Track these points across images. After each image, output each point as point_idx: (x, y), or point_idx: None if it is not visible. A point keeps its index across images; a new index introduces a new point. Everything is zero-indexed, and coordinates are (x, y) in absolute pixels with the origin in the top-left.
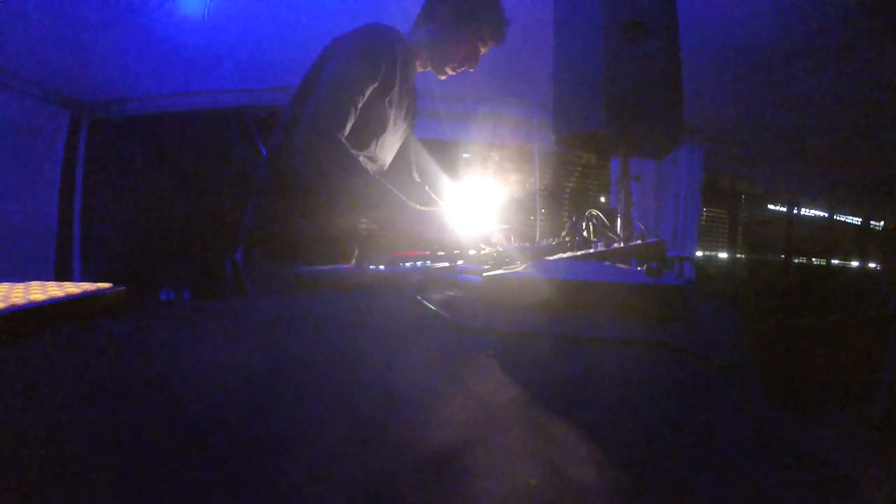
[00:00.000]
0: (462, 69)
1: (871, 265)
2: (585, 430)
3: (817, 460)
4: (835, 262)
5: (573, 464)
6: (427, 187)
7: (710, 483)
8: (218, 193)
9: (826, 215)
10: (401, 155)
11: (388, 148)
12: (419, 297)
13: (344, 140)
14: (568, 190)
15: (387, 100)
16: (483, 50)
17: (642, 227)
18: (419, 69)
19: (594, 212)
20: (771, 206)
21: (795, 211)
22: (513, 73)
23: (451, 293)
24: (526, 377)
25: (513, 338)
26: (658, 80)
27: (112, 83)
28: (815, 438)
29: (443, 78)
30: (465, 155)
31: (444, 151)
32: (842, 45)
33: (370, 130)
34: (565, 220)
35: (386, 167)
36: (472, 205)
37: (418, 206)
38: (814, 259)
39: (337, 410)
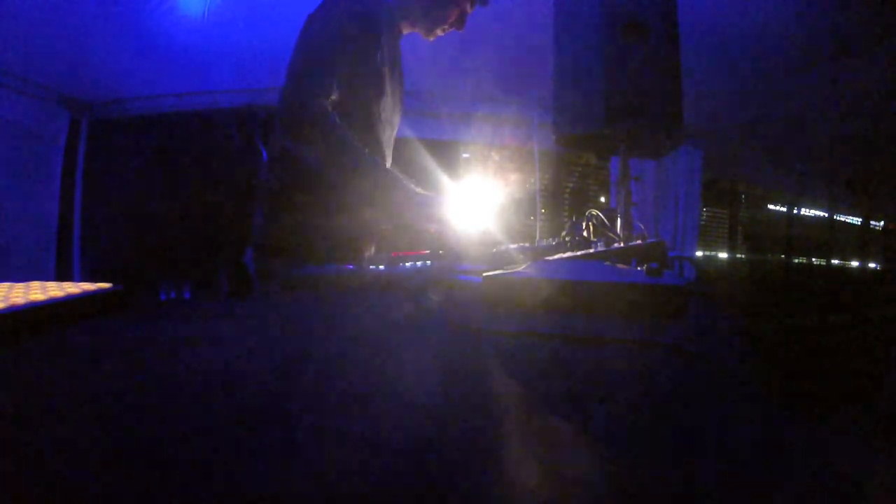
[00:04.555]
0: (450, 30)
1: (871, 265)
2: (586, 430)
3: (817, 460)
4: (835, 262)
5: (573, 464)
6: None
7: (711, 483)
8: (218, 193)
9: (826, 215)
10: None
11: (389, 113)
12: (419, 297)
13: (327, 105)
14: (568, 190)
15: (378, 57)
16: (469, 10)
17: (642, 227)
18: (404, 31)
19: (594, 212)
20: (771, 206)
21: (795, 211)
22: (513, 73)
23: (450, 293)
24: (526, 377)
25: (513, 338)
26: (658, 80)
27: (112, 83)
28: (815, 438)
29: (431, 39)
30: (465, 155)
31: (444, 151)
32: (842, 44)
33: (369, 93)
34: (565, 220)
35: (391, 141)
36: (471, 204)
37: (419, 190)
38: (814, 259)
39: (336, 410)
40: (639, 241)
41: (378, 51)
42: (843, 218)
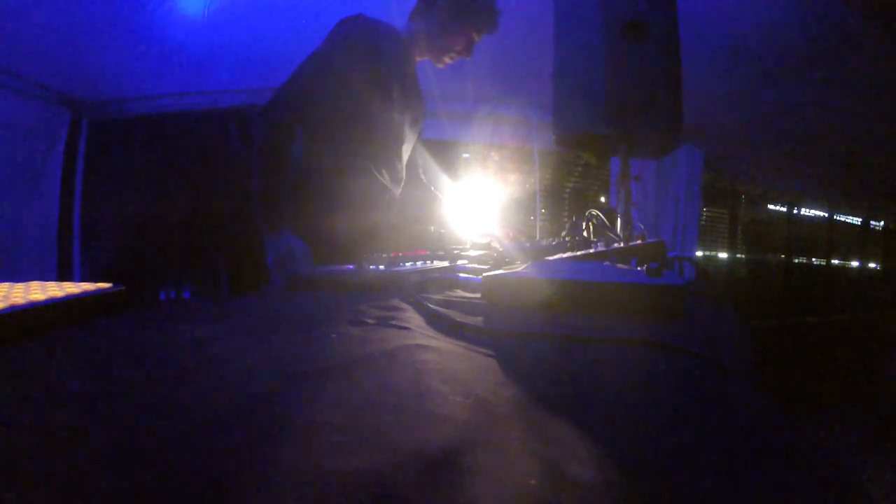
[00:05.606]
0: (459, 57)
1: (871, 265)
2: (585, 430)
3: (817, 460)
4: (835, 262)
5: (573, 464)
6: (432, 188)
7: (711, 483)
8: (218, 193)
9: (826, 215)
10: (409, 158)
11: (399, 128)
12: (419, 297)
13: (294, 131)
14: (568, 190)
15: (380, 77)
16: (477, 39)
17: (642, 227)
18: (417, 58)
19: (594, 212)
20: (771, 206)
21: (795, 211)
22: (513, 73)
23: (450, 293)
24: (526, 377)
25: (513, 338)
26: (658, 80)
27: (112, 83)
28: (815, 438)
29: (440, 66)
30: (465, 155)
31: (444, 151)
32: (842, 44)
33: (372, 107)
34: (565, 220)
35: (402, 154)
36: (471, 204)
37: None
38: (814, 259)
39: (336, 410)
40: (639, 241)
41: (380, 71)
42: (843, 218)
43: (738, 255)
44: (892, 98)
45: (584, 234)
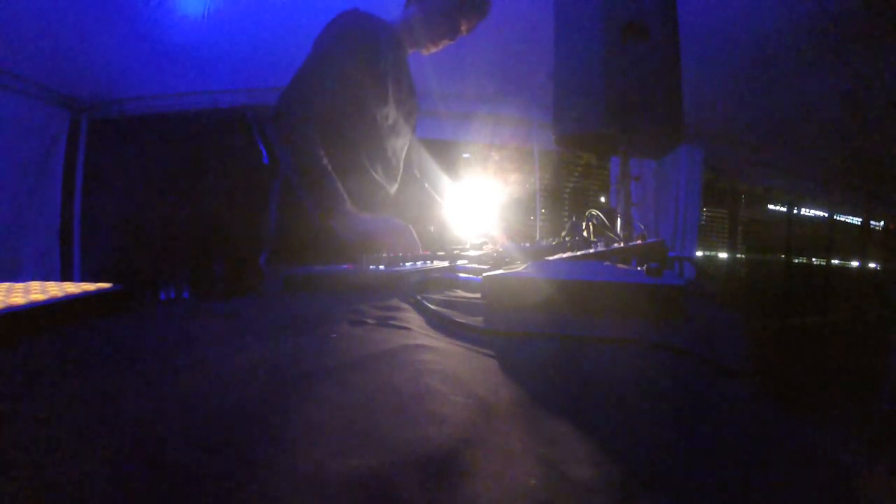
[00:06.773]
0: (444, 45)
1: (871, 265)
2: (585, 430)
3: (817, 460)
4: (835, 262)
5: (573, 464)
6: (426, 184)
7: (710, 483)
8: (217, 193)
9: (826, 215)
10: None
11: (395, 123)
12: (419, 297)
13: (309, 123)
14: (568, 190)
15: (378, 72)
16: (471, 24)
17: (642, 227)
18: (410, 50)
19: (594, 212)
20: (771, 206)
21: (795, 211)
22: (513, 73)
23: (450, 293)
24: (526, 377)
25: (513, 338)
26: (658, 80)
27: (112, 83)
28: (815, 438)
29: (425, 53)
30: (465, 155)
31: (444, 151)
32: (842, 44)
33: (370, 103)
34: (565, 220)
35: (400, 151)
36: (471, 205)
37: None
38: (814, 259)
39: (336, 410)
40: (639, 241)
41: (377, 66)
42: (843, 218)
43: (738, 255)
44: (893, 98)
45: (584, 234)
